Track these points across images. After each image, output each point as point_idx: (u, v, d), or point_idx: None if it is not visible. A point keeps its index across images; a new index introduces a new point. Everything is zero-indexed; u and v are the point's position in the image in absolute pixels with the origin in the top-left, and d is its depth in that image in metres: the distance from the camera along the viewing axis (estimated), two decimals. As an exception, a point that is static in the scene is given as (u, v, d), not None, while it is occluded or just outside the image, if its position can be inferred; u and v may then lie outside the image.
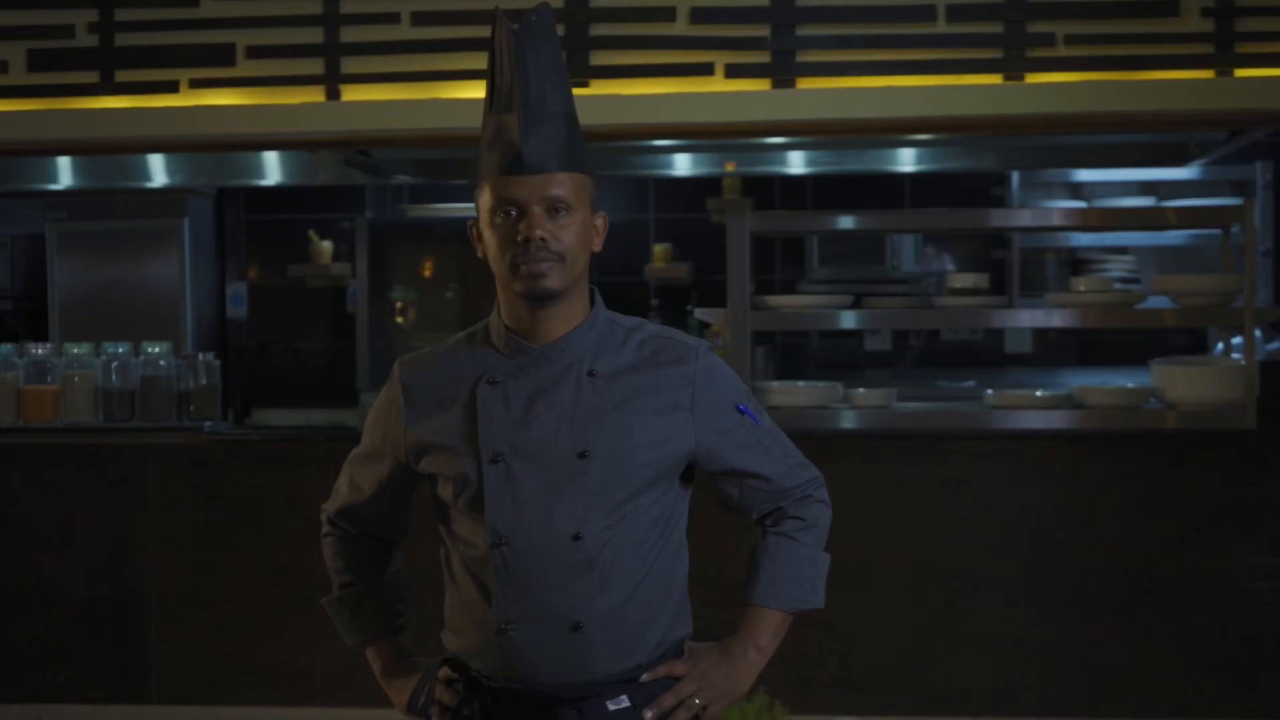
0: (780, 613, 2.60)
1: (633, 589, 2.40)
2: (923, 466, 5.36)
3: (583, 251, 2.40)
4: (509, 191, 2.34)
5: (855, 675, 5.35)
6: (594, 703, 2.40)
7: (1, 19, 5.23)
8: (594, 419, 2.38)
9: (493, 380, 2.41)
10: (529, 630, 2.37)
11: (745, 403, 2.51)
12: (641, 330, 2.49)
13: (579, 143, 2.43)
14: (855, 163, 6.72)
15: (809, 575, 2.62)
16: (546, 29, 2.42)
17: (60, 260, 7.40)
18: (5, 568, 5.57)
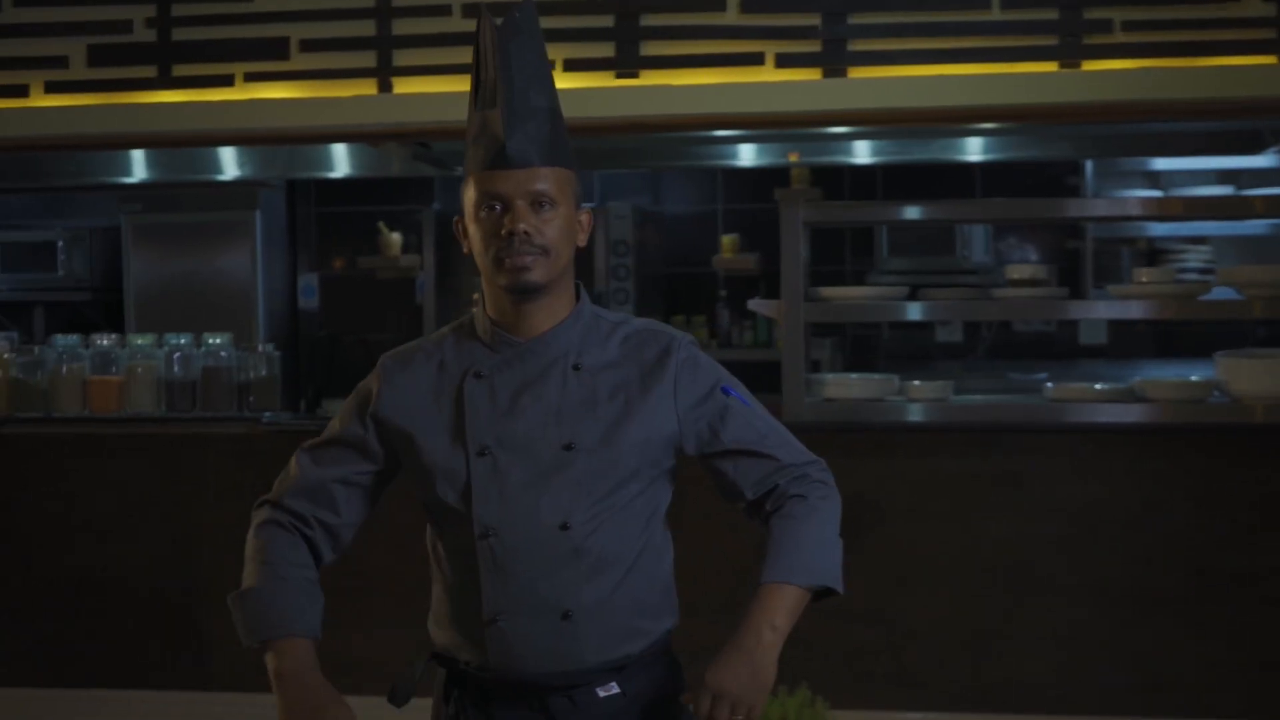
0: (794, 588, 2.47)
1: (620, 579, 2.43)
2: (980, 460, 5.29)
3: (566, 246, 2.42)
4: (493, 186, 2.37)
5: (911, 670, 5.29)
6: (584, 691, 2.43)
7: (62, 15, 5.31)
8: (580, 412, 2.41)
9: (479, 374, 2.44)
10: (518, 621, 2.40)
11: (732, 387, 2.50)
12: (626, 325, 2.52)
13: (563, 138, 2.45)
14: (922, 152, 6.64)
15: (821, 553, 2.53)
16: (530, 25, 2.45)
17: (135, 252, 7.51)
18: (70, 556, 5.66)
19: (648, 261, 7.56)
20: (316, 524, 2.51)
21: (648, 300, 7.50)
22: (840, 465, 5.20)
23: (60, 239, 7.77)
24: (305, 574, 2.47)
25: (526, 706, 2.44)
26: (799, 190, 7.44)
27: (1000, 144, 6.74)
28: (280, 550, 2.48)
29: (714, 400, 2.47)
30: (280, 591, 2.44)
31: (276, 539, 2.49)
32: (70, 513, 5.67)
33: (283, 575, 2.46)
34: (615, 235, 7.17)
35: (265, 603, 2.44)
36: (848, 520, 4.90)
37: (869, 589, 5.29)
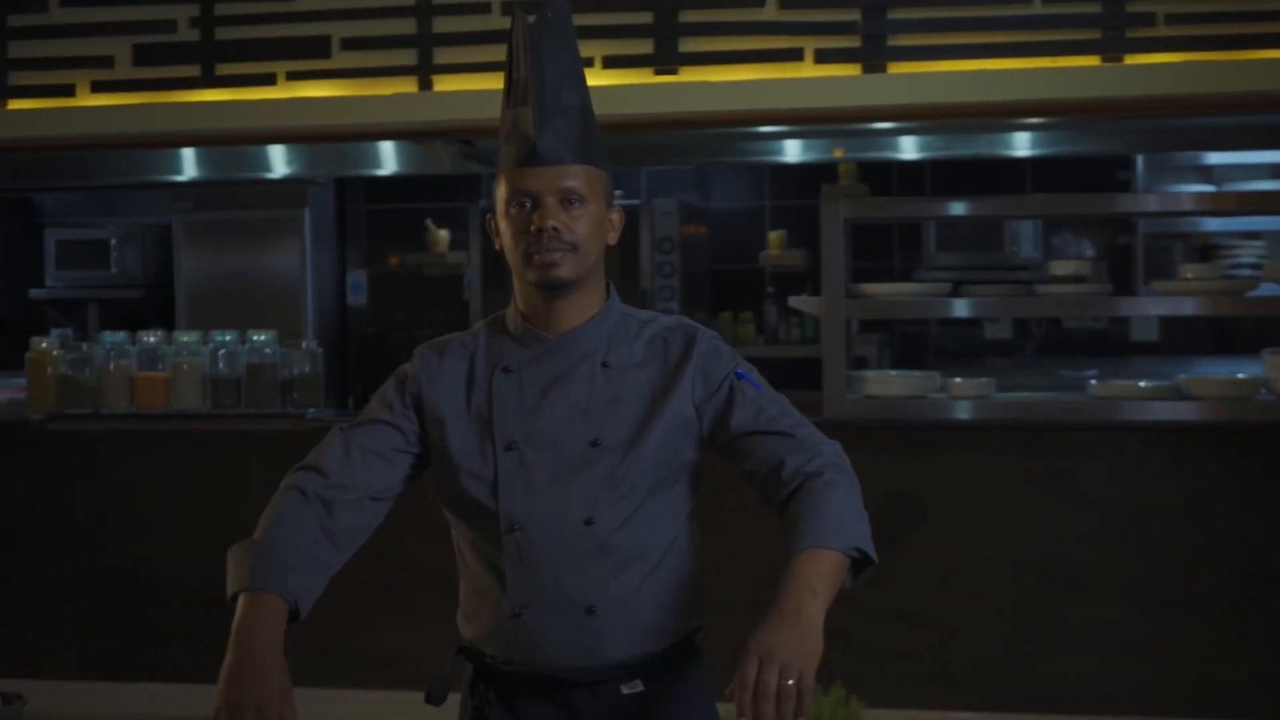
0: (827, 552, 2.28)
1: (646, 575, 2.42)
2: (1023, 458, 5.24)
3: (596, 243, 2.43)
4: (523, 183, 2.38)
5: (951, 670, 5.26)
6: (608, 686, 2.43)
7: (108, 15, 5.37)
8: (607, 409, 2.42)
9: (508, 369, 2.46)
10: (542, 615, 2.40)
11: (747, 373, 2.49)
12: (655, 323, 2.52)
13: (594, 137, 2.46)
14: (969, 148, 6.56)
15: (849, 519, 2.36)
16: (563, 24, 2.47)
17: (186, 250, 7.56)
18: (118, 551, 5.72)
19: (694, 258, 7.54)
20: (344, 491, 2.45)
21: (694, 297, 7.49)
22: (882, 463, 5.25)
23: (113, 237, 7.85)
24: (306, 541, 2.39)
25: (550, 701, 2.44)
26: (844, 186, 7.41)
27: (1050, 139, 6.66)
28: (291, 515, 2.43)
29: (727, 385, 2.46)
30: (274, 549, 2.36)
31: (293, 504, 2.45)
32: (116, 508, 5.74)
33: (283, 536, 2.39)
34: (660, 232, 7.15)
35: (254, 557, 2.36)
36: (888, 519, 4.88)
37: (910, 588, 5.26)
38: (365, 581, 5.40)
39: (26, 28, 5.41)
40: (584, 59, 5.19)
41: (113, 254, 7.84)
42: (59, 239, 7.90)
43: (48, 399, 5.73)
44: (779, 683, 2.10)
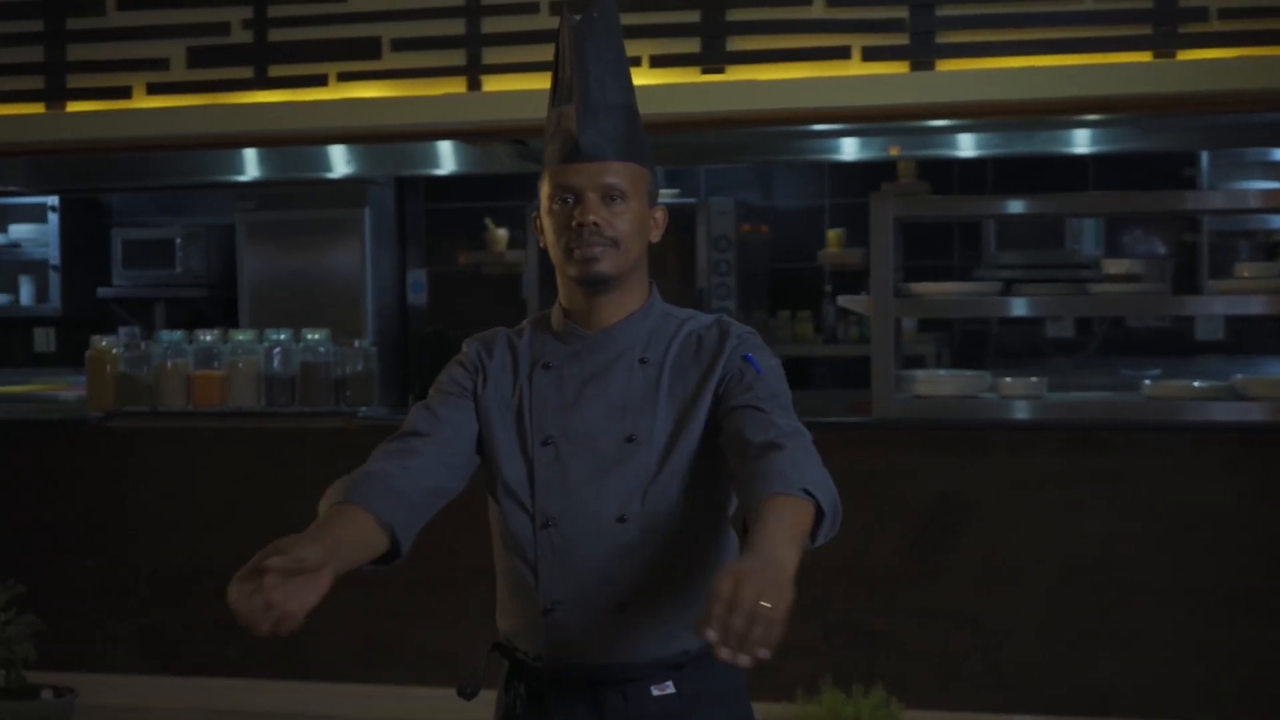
0: (787, 497, 2.15)
1: (679, 573, 2.41)
2: (1075, 459, 5.19)
3: (637, 240, 2.44)
4: (565, 179, 2.40)
5: (1001, 673, 5.22)
6: (638, 687, 2.42)
7: (163, 18, 5.43)
8: (643, 405, 2.42)
9: (548, 364, 2.47)
10: (574, 611, 2.40)
11: (754, 355, 2.45)
12: (693, 321, 2.51)
13: (638, 135, 2.48)
14: (1027, 145, 6.50)
15: (808, 470, 2.25)
16: (608, 23, 2.49)
17: (249, 249, 7.65)
18: (174, 547, 5.80)
19: (751, 257, 7.53)
20: (430, 443, 2.42)
21: (751, 296, 7.47)
22: (931, 463, 5.21)
23: (178, 237, 7.96)
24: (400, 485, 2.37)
25: (579, 700, 2.43)
26: (903, 184, 7.37)
27: (1112, 135, 6.58)
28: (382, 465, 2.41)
29: (736, 368, 2.45)
30: (368, 480, 2.37)
31: (381, 458, 2.43)
32: (171, 504, 5.81)
33: (376, 474, 2.38)
34: (717, 231, 7.14)
35: (349, 485, 2.37)
36: (937, 519, 4.85)
37: (959, 589, 5.23)
38: (414, 579, 5.46)
39: (84, 31, 5.49)
40: (631, 58, 5.19)
41: (178, 253, 7.95)
42: (125, 239, 8.02)
43: (107, 397, 5.82)
44: (754, 602, 1.93)
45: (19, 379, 7.57)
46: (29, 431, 6.01)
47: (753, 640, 1.93)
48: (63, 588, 5.83)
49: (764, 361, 2.46)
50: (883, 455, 5.27)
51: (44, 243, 8.10)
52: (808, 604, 5.19)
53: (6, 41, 5.54)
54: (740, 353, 2.45)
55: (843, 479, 2.24)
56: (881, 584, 5.28)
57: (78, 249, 8.15)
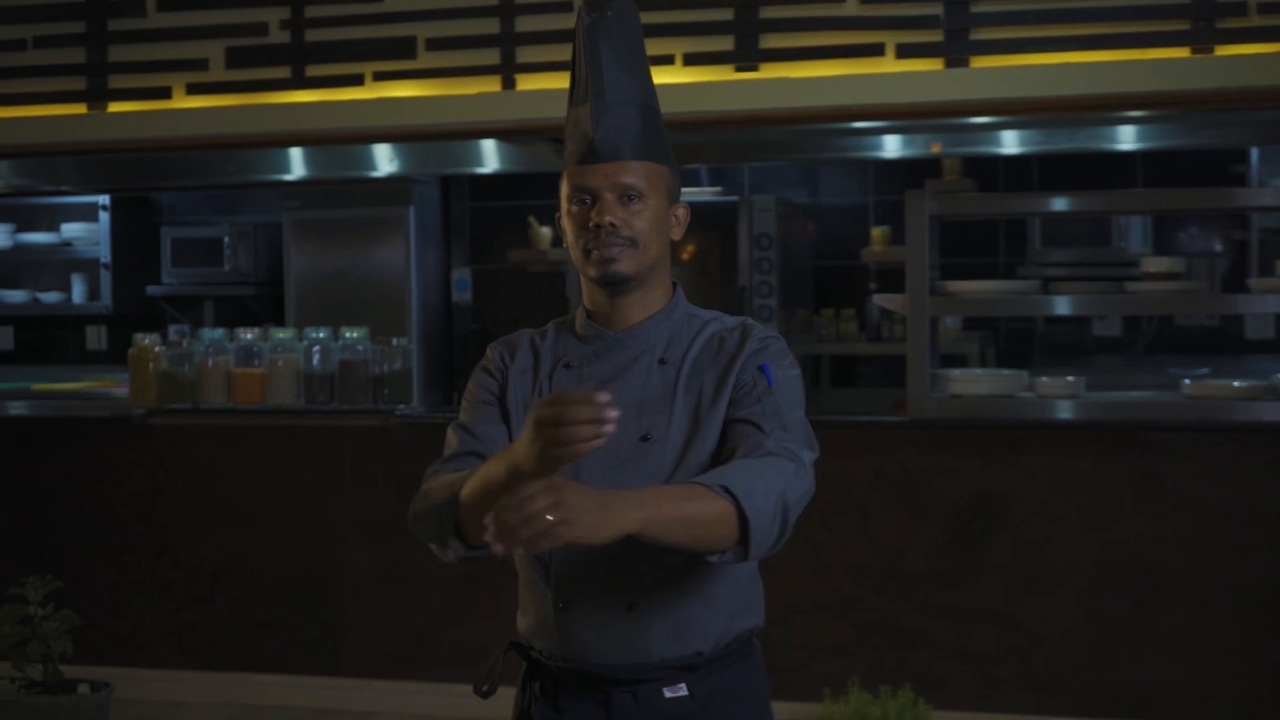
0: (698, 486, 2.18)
1: (691, 573, 2.40)
2: (1113, 458, 5.14)
3: (657, 239, 2.44)
4: (583, 180, 2.41)
5: (1037, 674, 5.18)
6: (650, 688, 2.41)
7: (202, 19, 5.47)
8: (659, 405, 2.41)
9: (569, 364, 2.47)
10: (584, 609, 2.40)
11: (772, 367, 2.43)
12: (717, 322, 2.51)
13: (656, 133, 2.47)
14: (1069, 141, 6.43)
15: (751, 482, 2.22)
16: (624, 21, 2.47)
17: (295, 247, 7.70)
18: (214, 542, 5.85)
19: (794, 254, 7.50)
20: (480, 458, 2.43)
21: (794, 294, 7.44)
22: (967, 463, 5.17)
23: (226, 235, 8.01)
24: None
25: (591, 700, 2.43)
26: (946, 182, 7.31)
27: (1158, 132, 6.49)
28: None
29: (751, 378, 2.44)
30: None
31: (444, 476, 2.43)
32: (212, 501, 5.86)
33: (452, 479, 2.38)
34: (759, 228, 7.11)
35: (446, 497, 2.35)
36: (973, 519, 4.80)
37: (995, 590, 5.19)
38: (450, 577, 5.48)
39: (125, 32, 5.54)
40: (664, 56, 5.20)
41: (226, 252, 8.01)
42: (175, 237, 8.09)
43: (149, 394, 5.87)
44: (539, 508, 1.97)
45: (71, 376, 7.65)
46: (73, 428, 6.08)
47: (515, 536, 1.98)
48: (103, 583, 5.90)
49: (780, 373, 2.44)
50: (919, 455, 5.24)
51: (95, 241, 8.18)
52: (841, 603, 5.22)
53: (49, 43, 5.60)
54: (759, 360, 2.43)
55: (878, 478, 2.23)
56: (916, 584, 5.25)
57: (128, 248, 8.22)
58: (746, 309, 7.11)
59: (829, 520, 5.28)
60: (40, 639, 4.63)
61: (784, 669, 5.26)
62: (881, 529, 5.26)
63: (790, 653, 5.32)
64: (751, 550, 2.20)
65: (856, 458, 5.26)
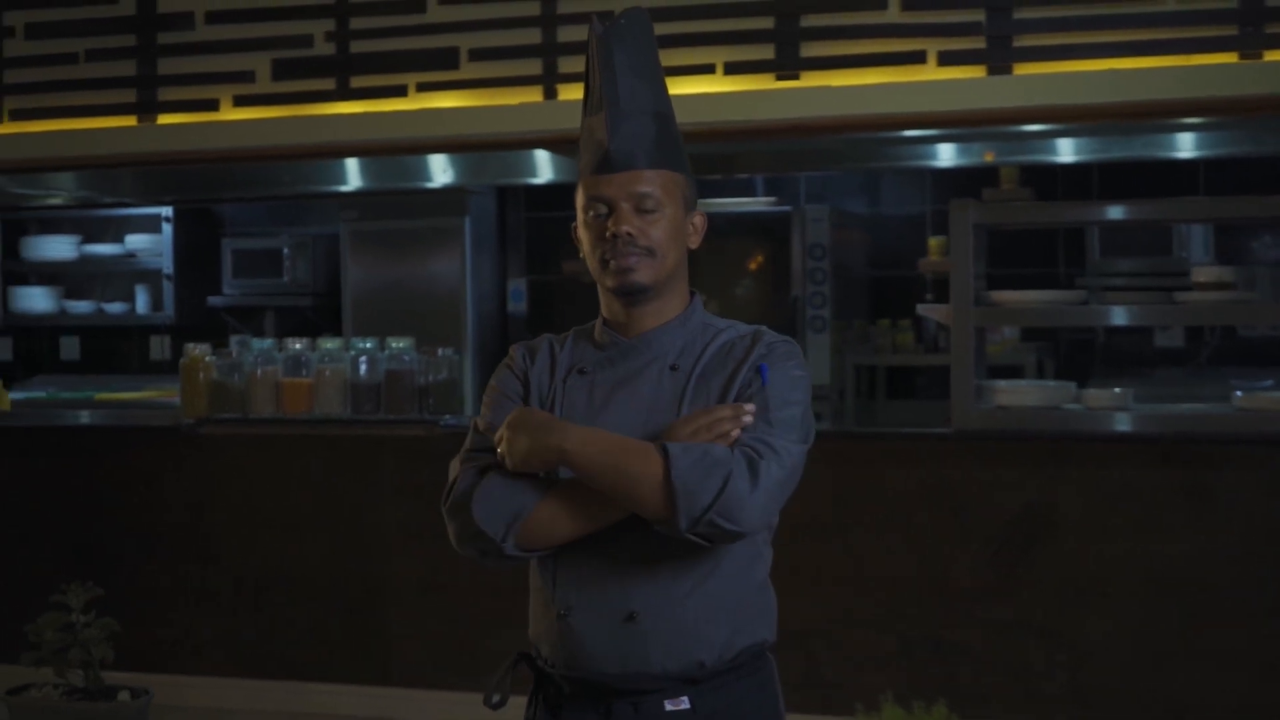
0: (641, 444, 2.29)
1: (694, 584, 2.39)
2: (1162, 472, 5.05)
3: (674, 248, 2.44)
4: (598, 190, 2.42)
5: (1084, 690, 5.09)
6: (652, 700, 2.40)
7: (249, 31, 5.52)
8: (668, 412, 2.41)
9: (582, 370, 2.48)
10: (586, 618, 2.40)
11: (772, 367, 2.42)
12: (731, 330, 2.51)
13: (672, 141, 2.47)
14: (1125, 149, 6.32)
15: (697, 457, 2.27)
16: (636, 30, 2.49)
17: (353, 258, 7.76)
18: (262, 551, 5.89)
19: (848, 265, 7.45)
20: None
21: (848, 304, 7.39)
22: (1012, 475, 5.11)
23: (285, 246, 8.09)
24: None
25: (592, 710, 2.43)
26: (1006, 190, 7.24)
27: (1219, 139, 6.37)
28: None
29: (750, 378, 2.42)
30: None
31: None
32: (259, 510, 5.90)
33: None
34: (811, 239, 7.07)
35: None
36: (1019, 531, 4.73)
37: (1041, 604, 5.12)
38: (494, 585, 5.47)
39: (174, 45, 5.60)
40: (705, 65, 5.19)
41: (285, 263, 8.08)
42: (235, 248, 8.18)
43: (199, 404, 5.92)
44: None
45: (134, 386, 7.75)
46: (125, 437, 6.15)
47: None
48: (152, 591, 5.96)
49: (781, 373, 2.42)
50: (963, 466, 5.17)
51: (158, 252, 8.29)
52: (884, 616, 5.16)
53: (101, 56, 5.67)
54: (770, 359, 2.42)
55: (922, 490, 2.20)
56: (961, 597, 5.18)
57: (190, 259, 8.32)
58: (799, 320, 7.07)
59: (872, 532, 5.23)
60: (81, 645, 4.71)
61: (826, 683, 5.22)
62: (925, 541, 5.20)
63: (833, 666, 5.27)
64: (680, 518, 2.24)
65: (900, 469, 5.20)
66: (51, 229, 8.54)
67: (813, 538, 5.25)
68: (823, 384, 7.06)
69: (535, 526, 2.35)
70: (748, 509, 2.28)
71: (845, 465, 5.26)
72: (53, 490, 6.14)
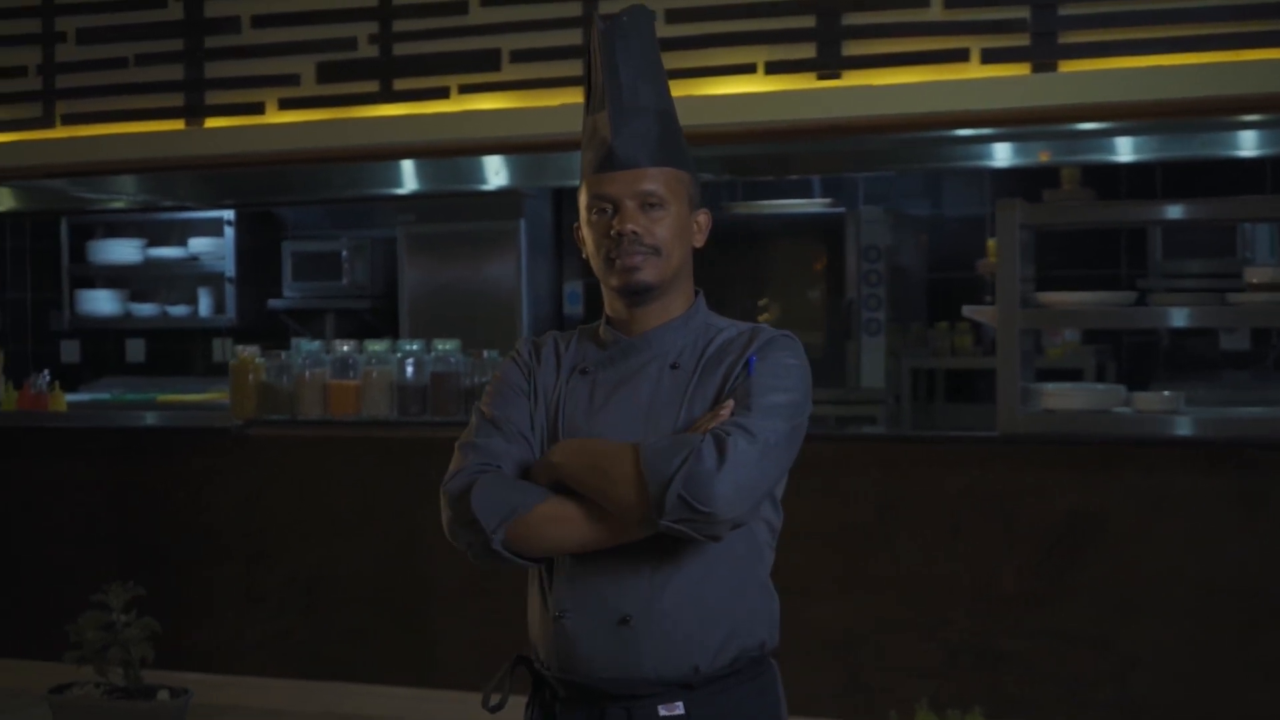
0: (622, 446, 2.30)
1: (688, 588, 2.36)
2: (1215, 477, 4.93)
3: (679, 246, 2.42)
4: (602, 188, 2.40)
5: (1135, 700, 4.98)
6: (645, 705, 2.37)
7: (295, 34, 5.54)
8: (666, 412, 2.39)
9: (584, 370, 2.47)
10: (579, 620, 2.38)
11: (761, 358, 2.38)
12: (732, 329, 2.48)
13: (675, 139, 2.46)
14: (1184, 148, 6.19)
15: (672, 447, 2.27)
16: (640, 28, 2.47)
17: (409, 260, 7.78)
18: (309, 552, 5.91)
19: (905, 266, 7.35)
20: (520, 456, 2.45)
21: (905, 306, 7.30)
22: (1059, 480, 5.02)
23: (344, 249, 8.12)
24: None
25: (586, 714, 2.40)
26: (1067, 191, 7.12)
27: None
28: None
29: (741, 371, 2.39)
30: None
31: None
32: (307, 511, 5.92)
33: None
34: (866, 240, 6.99)
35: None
36: (1066, 537, 4.64)
37: (1091, 611, 5.02)
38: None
39: (221, 49, 5.63)
40: (746, 65, 5.14)
41: (344, 265, 8.11)
42: (294, 251, 8.22)
43: (248, 405, 5.95)
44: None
45: (197, 388, 7.82)
46: (176, 438, 6.20)
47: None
48: (199, 591, 6.00)
49: (771, 363, 2.38)
50: (1009, 471, 5.08)
51: (221, 255, 8.36)
52: (930, 624, 5.08)
53: (150, 60, 5.72)
54: (760, 352, 2.39)
55: (968, 495, 2.15)
56: (1008, 604, 5.10)
57: (251, 262, 8.39)
58: (854, 322, 6.99)
59: (917, 537, 5.15)
60: (120, 645, 4.75)
61: (871, 689, 5.15)
62: (971, 547, 5.12)
63: (877, 673, 5.20)
64: (652, 506, 2.22)
65: (946, 473, 5.12)
66: (117, 233, 8.64)
67: (857, 542, 5.19)
68: (877, 388, 6.98)
69: (526, 526, 2.34)
70: (716, 486, 2.22)
71: (890, 469, 5.19)
72: (104, 491, 6.20)
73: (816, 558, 5.22)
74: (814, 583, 5.22)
